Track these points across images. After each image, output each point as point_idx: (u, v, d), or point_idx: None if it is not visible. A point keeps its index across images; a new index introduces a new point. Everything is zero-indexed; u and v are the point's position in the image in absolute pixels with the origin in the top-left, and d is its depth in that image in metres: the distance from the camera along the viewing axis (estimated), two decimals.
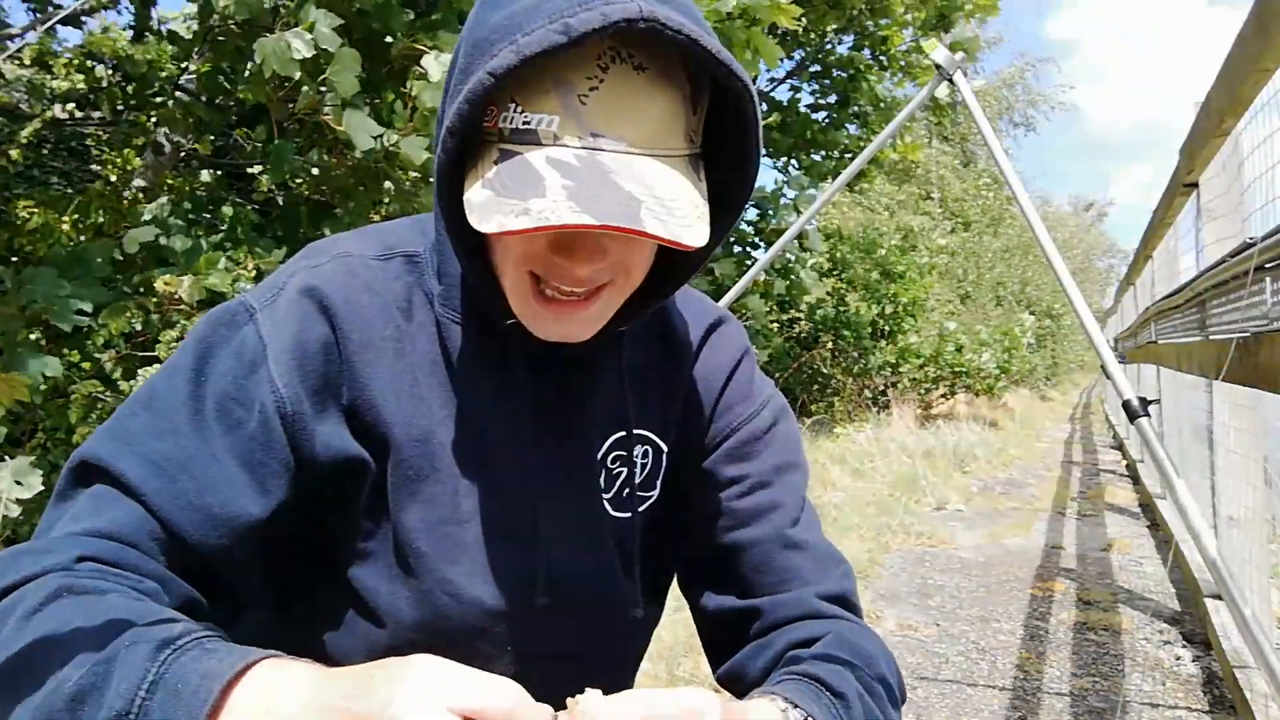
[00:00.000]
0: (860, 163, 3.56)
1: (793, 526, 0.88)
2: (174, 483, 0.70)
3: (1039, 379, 17.69)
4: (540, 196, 0.63)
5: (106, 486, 0.70)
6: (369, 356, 0.78)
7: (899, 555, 4.72)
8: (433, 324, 0.81)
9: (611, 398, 0.86)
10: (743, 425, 0.90)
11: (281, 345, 0.75)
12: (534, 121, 0.66)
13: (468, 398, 0.81)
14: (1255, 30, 1.72)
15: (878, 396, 10.46)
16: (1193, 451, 4.40)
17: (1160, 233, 4.42)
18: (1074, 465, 8.52)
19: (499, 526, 0.81)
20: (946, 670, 3.09)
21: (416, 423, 0.79)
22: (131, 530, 0.69)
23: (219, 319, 0.78)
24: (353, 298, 0.79)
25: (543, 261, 0.71)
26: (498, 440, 0.81)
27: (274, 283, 0.80)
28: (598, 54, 0.65)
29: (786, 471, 0.91)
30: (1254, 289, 1.91)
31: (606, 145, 0.65)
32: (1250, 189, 2.43)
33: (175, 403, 0.73)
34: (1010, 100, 27.37)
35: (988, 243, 21.48)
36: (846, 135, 9.30)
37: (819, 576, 0.87)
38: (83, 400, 3.21)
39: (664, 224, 0.64)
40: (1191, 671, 3.04)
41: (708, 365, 0.91)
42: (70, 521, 0.69)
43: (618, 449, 0.87)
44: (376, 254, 0.82)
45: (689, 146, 0.70)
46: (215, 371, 0.75)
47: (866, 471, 6.84)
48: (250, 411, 0.74)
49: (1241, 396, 2.83)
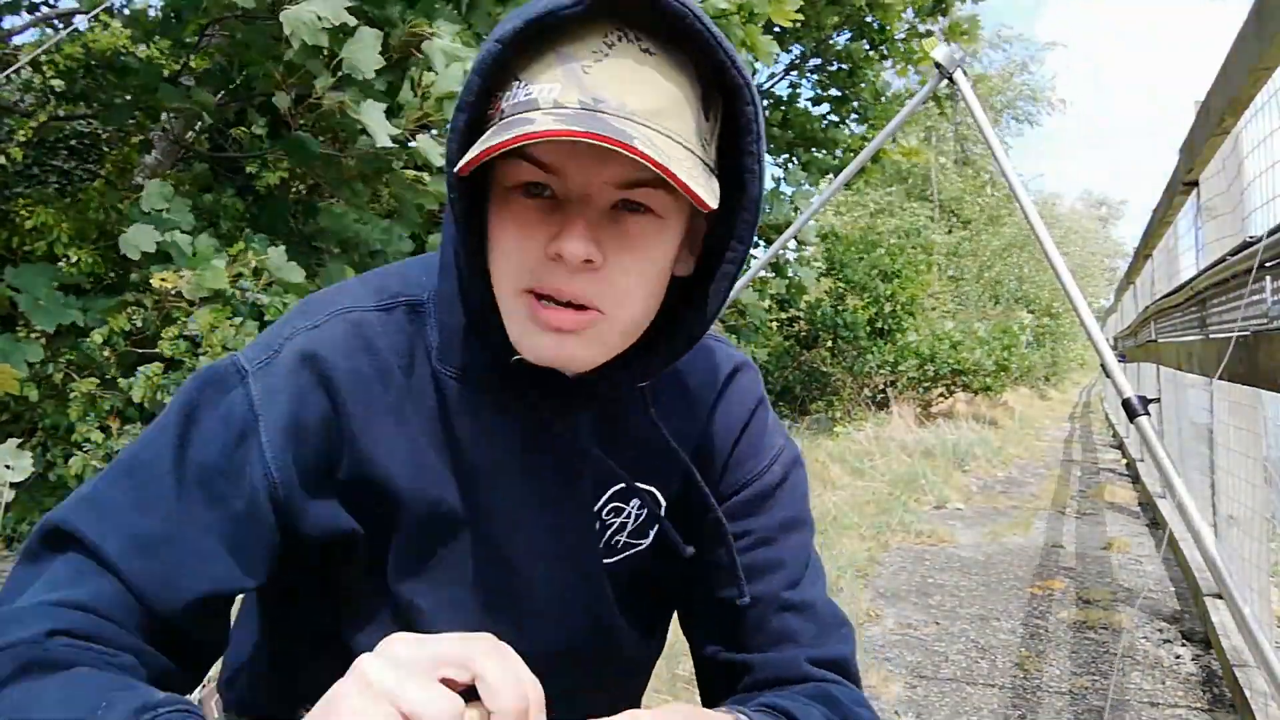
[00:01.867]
0: (861, 161, 3.56)
1: (791, 588, 0.86)
2: (154, 560, 0.68)
3: (1038, 378, 17.67)
4: (526, 127, 0.61)
5: (83, 557, 0.68)
6: (371, 428, 0.75)
7: (898, 554, 4.72)
8: (431, 379, 0.78)
9: (613, 449, 0.83)
10: (752, 481, 0.88)
11: (276, 421, 0.72)
12: (534, 91, 0.65)
13: (467, 458, 0.78)
14: (1255, 30, 1.72)
15: (877, 395, 10.46)
16: (1192, 450, 4.40)
17: (1160, 231, 4.42)
18: (1074, 464, 8.52)
19: (500, 587, 0.81)
20: (946, 669, 3.09)
21: (419, 488, 0.77)
22: (108, 605, 0.66)
23: (207, 379, 0.75)
24: (353, 365, 0.75)
25: (538, 263, 0.68)
26: (498, 500, 0.79)
27: (268, 342, 0.76)
28: (604, 33, 0.65)
29: (791, 529, 0.89)
30: (1254, 288, 1.91)
31: (607, 109, 0.64)
32: (1250, 187, 2.43)
33: (159, 473, 0.70)
34: (1010, 98, 27.40)
35: (986, 240, 21.49)
36: (847, 132, 9.29)
37: (816, 640, 0.85)
38: (82, 398, 3.21)
39: (660, 156, 0.61)
40: (1191, 670, 3.04)
41: (721, 419, 0.88)
42: (43, 589, 0.67)
43: (615, 500, 0.85)
44: (378, 303, 0.78)
45: (702, 151, 0.68)
46: (201, 439, 0.72)
47: (866, 470, 6.84)
48: (237, 487, 0.71)
49: (1241, 395, 2.83)
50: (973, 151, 24.37)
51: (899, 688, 2.90)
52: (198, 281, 3.13)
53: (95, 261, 3.66)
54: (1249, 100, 2.02)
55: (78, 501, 0.71)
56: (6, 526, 3.30)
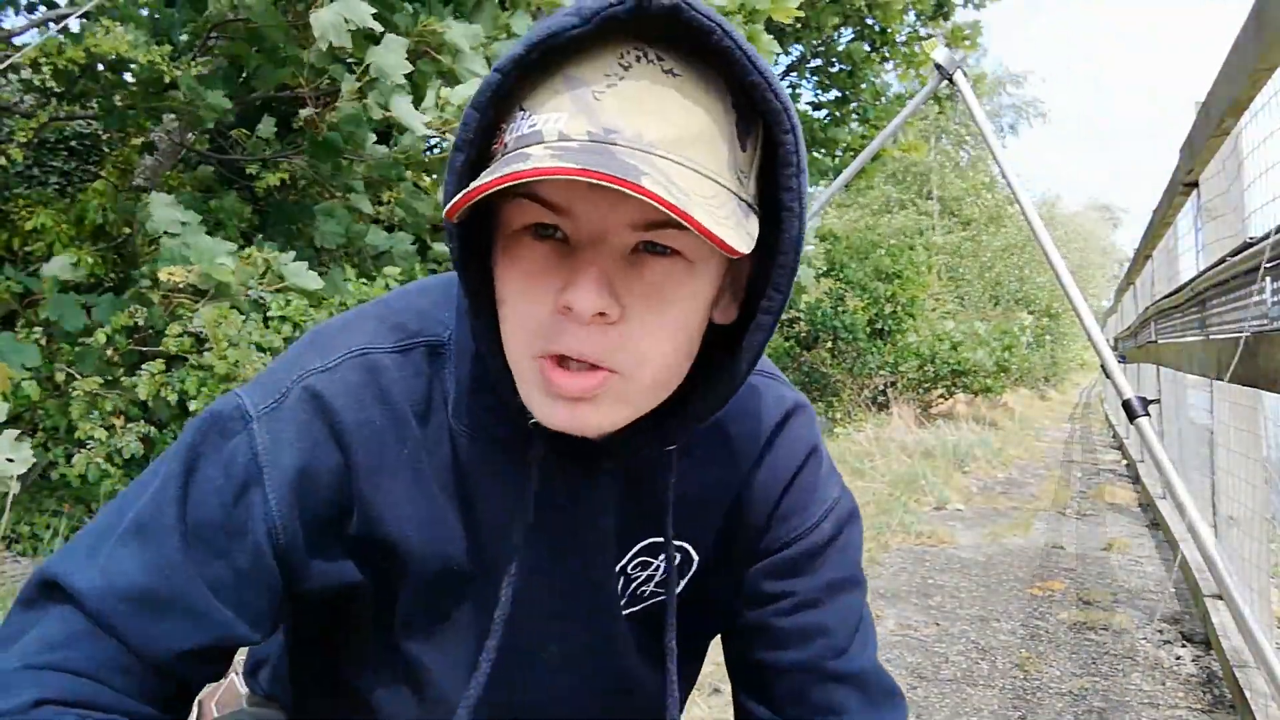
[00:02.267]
0: (861, 161, 3.56)
1: (837, 657, 0.78)
2: (155, 618, 0.66)
3: (1038, 378, 17.67)
4: (521, 164, 0.53)
5: (80, 616, 0.65)
6: (384, 482, 0.71)
7: (899, 554, 4.72)
8: (446, 429, 0.72)
9: (638, 504, 0.77)
10: (799, 538, 0.80)
11: (283, 472, 0.68)
12: (539, 122, 0.56)
13: (482, 520, 0.74)
14: (1255, 31, 1.72)
15: (877, 396, 10.46)
16: (1193, 451, 4.40)
17: (1160, 232, 4.42)
18: (1074, 465, 8.52)
19: (512, 648, 0.76)
20: (946, 670, 3.09)
21: (433, 548, 0.73)
22: (101, 667, 0.64)
23: (209, 425, 0.70)
24: (367, 417, 0.70)
25: (549, 322, 0.60)
26: (512, 565, 0.73)
27: (277, 382, 0.71)
28: (619, 53, 0.56)
29: (840, 590, 0.81)
30: (1254, 289, 1.91)
31: (620, 140, 0.55)
32: (1250, 188, 2.43)
33: (160, 527, 0.67)
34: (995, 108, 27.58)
35: (986, 241, 21.48)
36: (848, 132, 9.30)
37: (862, 712, 0.78)
38: (84, 397, 3.21)
39: (676, 200, 0.51)
40: (1191, 671, 3.04)
41: (768, 470, 0.80)
42: (34, 647, 0.64)
43: (643, 555, 0.79)
44: (395, 343, 0.72)
45: (737, 185, 0.59)
46: (202, 490, 0.68)
47: (866, 471, 6.84)
48: (240, 542, 0.68)
49: (1241, 396, 2.83)
50: (972, 152, 24.40)
51: None
52: (207, 273, 3.12)
53: (95, 262, 3.66)
54: (1249, 101, 2.02)
55: (75, 555, 0.67)
56: (6, 528, 3.30)
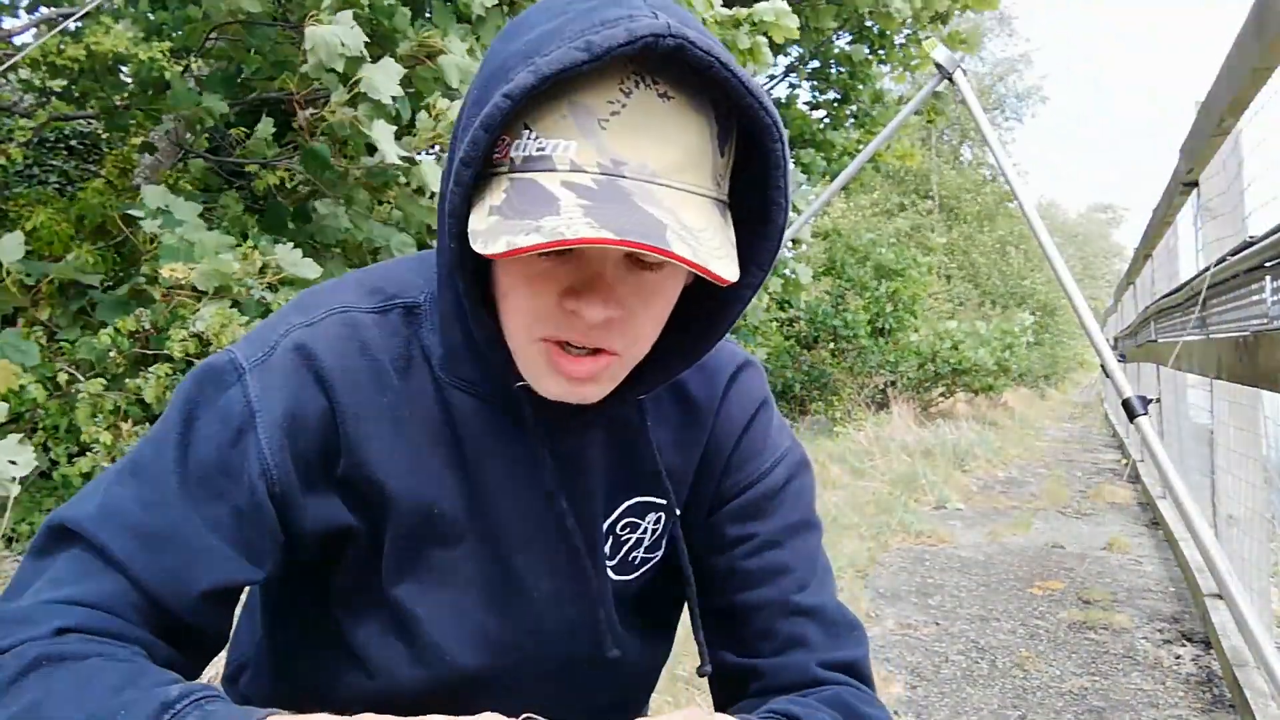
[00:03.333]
0: (860, 162, 3.56)
1: (800, 591, 0.85)
2: (161, 556, 0.69)
3: (1038, 377, 17.68)
4: (554, 215, 0.58)
5: (89, 555, 0.68)
6: (367, 428, 0.75)
7: (898, 554, 4.72)
8: (432, 385, 0.77)
9: (625, 465, 0.83)
10: (755, 483, 0.87)
11: (273, 417, 0.72)
12: (549, 148, 0.61)
13: (471, 466, 0.78)
14: (1255, 30, 1.72)
15: (877, 395, 10.46)
16: (1192, 450, 4.40)
17: (1160, 231, 4.42)
18: (1074, 464, 8.52)
19: (497, 596, 0.80)
20: (946, 669, 3.09)
21: (418, 492, 0.76)
22: (114, 601, 0.67)
23: (205, 377, 0.75)
24: (349, 364, 0.75)
25: (554, 316, 0.67)
26: (500, 510, 0.79)
27: (265, 338, 0.76)
28: (620, 79, 0.61)
29: (798, 531, 0.87)
30: (1254, 288, 1.91)
31: (628, 172, 0.61)
32: (1250, 188, 2.44)
33: (162, 472, 0.71)
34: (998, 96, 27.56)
35: (981, 240, 21.48)
36: (845, 135, 9.30)
37: (826, 644, 0.84)
38: (89, 399, 3.21)
39: (693, 250, 0.59)
40: (1191, 670, 3.04)
41: (724, 421, 0.87)
42: (48, 586, 0.67)
43: (630, 515, 0.85)
44: (374, 305, 0.78)
45: (716, 190, 0.66)
46: (200, 437, 0.72)
47: (866, 470, 6.84)
48: (237, 484, 0.71)
49: (1241, 395, 2.83)
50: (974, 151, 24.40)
51: (899, 688, 2.90)
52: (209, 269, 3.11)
53: (96, 261, 3.66)
54: (1249, 101, 2.02)
55: (84, 501, 0.71)
56: (6, 527, 3.30)
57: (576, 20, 0.62)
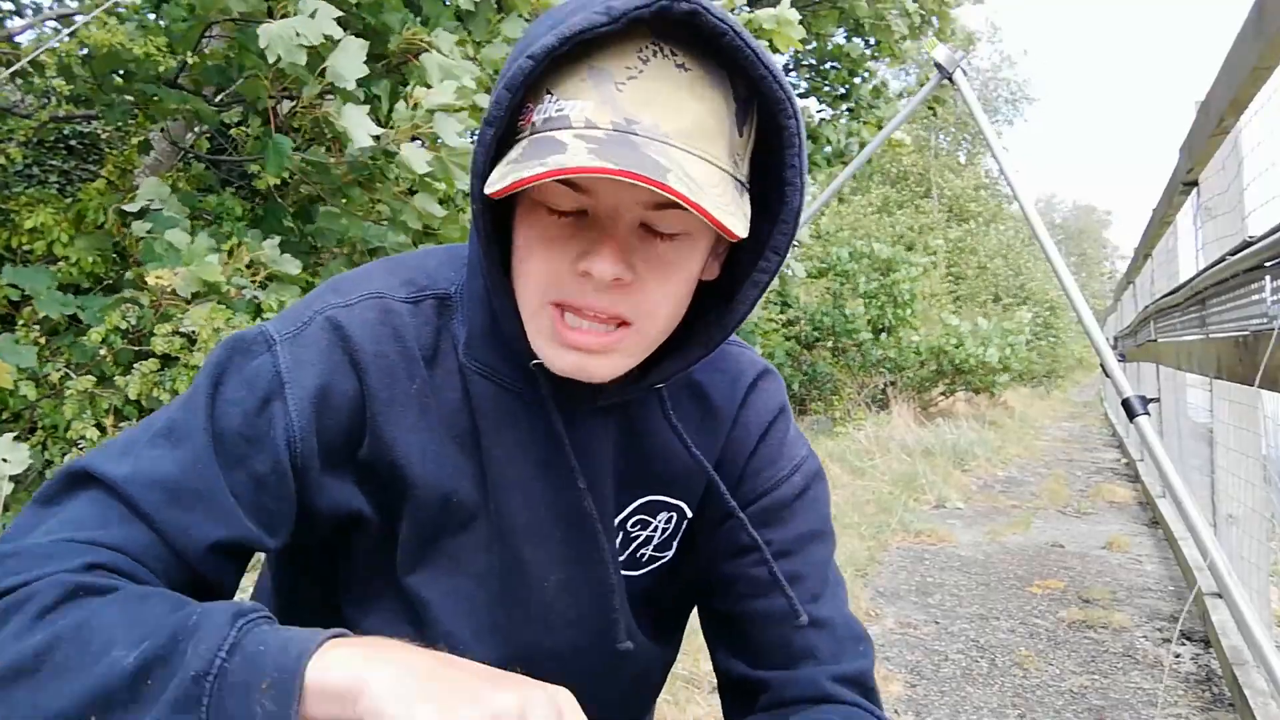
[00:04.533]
0: (859, 161, 3.56)
1: (811, 603, 0.84)
2: (183, 510, 0.68)
3: (1039, 376, 17.68)
4: (560, 154, 0.61)
5: (114, 502, 0.67)
6: (394, 414, 0.76)
7: (898, 553, 4.72)
8: (457, 373, 0.78)
9: (640, 461, 0.83)
10: (771, 490, 0.86)
11: (303, 390, 0.73)
12: (567, 108, 0.64)
13: (489, 455, 0.78)
14: (1255, 30, 1.72)
15: (877, 395, 10.46)
16: (1192, 450, 4.40)
17: (1160, 231, 4.42)
18: (1073, 463, 8.52)
19: (510, 587, 0.80)
20: (946, 668, 3.10)
21: (437, 481, 0.77)
22: (140, 550, 0.66)
23: (235, 345, 0.75)
24: (381, 349, 0.76)
25: (567, 279, 0.69)
26: (514, 498, 0.79)
27: (298, 314, 0.77)
28: (639, 47, 0.64)
29: (811, 541, 0.87)
30: (1254, 287, 1.91)
31: (640, 130, 0.63)
32: (1250, 187, 2.43)
33: (188, 431, 0.71)
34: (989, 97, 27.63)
35: (981, 240, 21.47)
36: (842, 130, 9.29)
37: (835, 656, 0.84)
38: (78, 396, 3.21)
39: (693, 194, 0.60)
40: (1190, 669, 3.04)
41: (742, 426, 0.87)
42: (65, 527, 0.66)
43: (641, 513, 0.85)
44: (407, 295, 0.78)
45: (733, 167, 0.67)
46: (227, 401, 0.72)
47: (866, 469, 6.84)
48: (260, 450, 0.71)
49: (1241, 395, 2.83)
50: (970, 149, 24.41)
51: (899, 687, 2.91)
52: (192, 275, 3.12)
53: (95, 261, 3.66)
54: (1249, 100, 2.02)
55: (107, 451, 0.70)
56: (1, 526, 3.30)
57: None
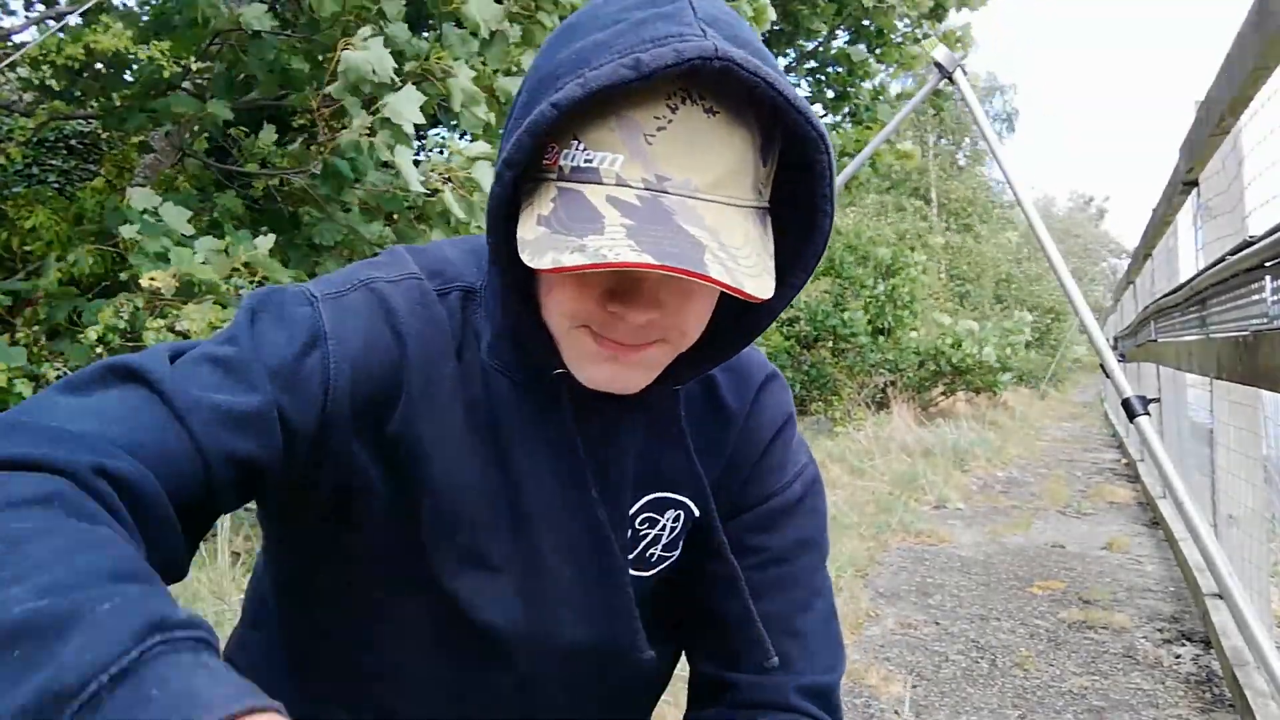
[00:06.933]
0: (859, 162, 3.56)
1: (796, 609, 0.86)
2: (216, 424, 0.64)
3: (1039, 377, 17.68)
4: (598, 234, 0.60)
5: (153, 397, 0.63)
6: (429, 393, 0.75)
7: (898, 553, 4.72)
8: (479, 368, 0.78)
9: (652, 458, 0.84)
10: (772, 496, 0.88)
11: (345, 346, 0.71)
12: (596, 160, 0.63)
13: (506, 450, 0.79)
14: (1255, 29, 1.72)
15: (877, 395, 10.46)
16: (1192, 450, 4.40)
17: (1160, 231, 4.42)
18: (1074, 463, 8.52)
19: (523, 578, 0.81)
20: (946, 668, 3.09)
21: (455, 470, 0.77)
22: (159, 457, 0.61)
23: (270, 294, 0.73)
24: (424, 327, 0.75)
25: (596, 316, 0.69)
26: (530, 494, 0.79)
27: (338, 280, 0.76)
28: (667, 94, 0.63)
29: (805, 550, 0.89)
30: (1254, 287, 1.91)
31: (671, 188, 0.63)
32: (1250, 187, 2.43)
33: (235, 356, 0.68)
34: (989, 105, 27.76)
35: (984, 239, 21.49)
36: (843, 134, 9.30)
37: (806, 667, 0.85)
38: None
39: (728, 271, 0.61)
40: (1191, 670, 3.04)
41: (751, 430, 0.88)
42: (92, 417, 0.60)
43: (649, 510, 0.85)
44: (436, 285, 0.78)
45: (757, 198, 0.68)
46: (269, 339, 0.69)
47: (866, 470, 6.83)
48: (295, 398, 0.69)
49: (1241, 395, 2.83)
50: (970, 150, 24.42)
51: (899, 687, 2.90)
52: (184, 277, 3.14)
53: (94, 261, 3.66)
54: (1249, 100, 2.02)
55: (149, 354, 0.66)
56: None
57: (627, 34, 0.63)
